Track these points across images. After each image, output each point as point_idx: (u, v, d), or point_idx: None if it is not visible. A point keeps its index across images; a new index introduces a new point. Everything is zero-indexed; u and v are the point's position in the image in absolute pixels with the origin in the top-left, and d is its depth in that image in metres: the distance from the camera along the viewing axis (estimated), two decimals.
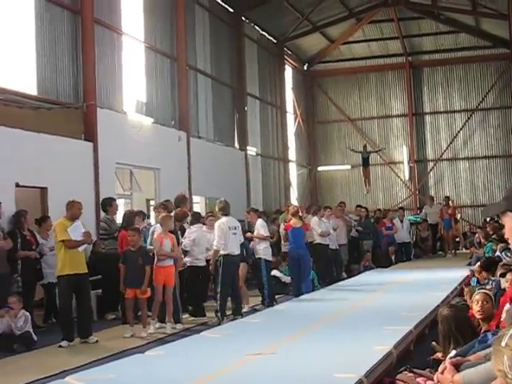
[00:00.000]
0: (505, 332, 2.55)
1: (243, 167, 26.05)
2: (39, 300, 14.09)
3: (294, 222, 16.05)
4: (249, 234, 15.64)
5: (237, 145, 26.08)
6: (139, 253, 12.31)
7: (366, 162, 31.26)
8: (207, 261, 14.34)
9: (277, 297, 17.08)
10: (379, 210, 26.67)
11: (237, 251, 13.58)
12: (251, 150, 27.03)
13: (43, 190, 15.02)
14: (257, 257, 15.48)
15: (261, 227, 15.59)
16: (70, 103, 16.50)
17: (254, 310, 14.50)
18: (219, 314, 13.05)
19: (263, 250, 15.51)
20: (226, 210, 13.70)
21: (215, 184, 22.75)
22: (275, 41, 30.47)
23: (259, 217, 16.44)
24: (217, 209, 14.00)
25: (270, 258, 15.62)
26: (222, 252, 13.29)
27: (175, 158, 20.59)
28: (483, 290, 7.23)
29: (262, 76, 29.14)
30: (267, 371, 7.37)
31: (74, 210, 11.78)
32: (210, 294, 15.33)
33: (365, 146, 31.63)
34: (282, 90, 31.21)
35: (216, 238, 13.31)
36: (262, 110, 29.16)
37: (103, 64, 17.73)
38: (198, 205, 21.97)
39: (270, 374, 7.21)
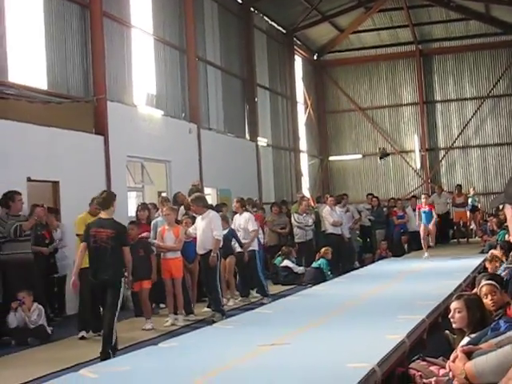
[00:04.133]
0: None
1: (254, 158, 26.04)
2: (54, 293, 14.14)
3: None
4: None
5: (247, 136, 26.07)
6: (139, 245, 12.32)
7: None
8: None
9: (289, 287, 17.13)
10: (392, 198, 26.62)
11: None
12: (262, 141, 27.01)
13: (55, 184, 15.05)
14: (251, 249, 15.32)
15: (251, 220, 15.60)
16: (80, 97, 16.53)
17: (261, 304, 14.52)
18: (223, 308, 13.04)
19: (255, 242, 15.51)
20: None
21: (226, 175, 22.77)
22: (284, 31, 30.39)
23: (246, 209, 16.21)
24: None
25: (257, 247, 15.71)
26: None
27: (186, 150, 20.60)
28: (488, 282, 7.18)
29: (271, 67, 29.10)
30: (280, 362, 7.37)
31: (92, 207, 11.92)
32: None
33: (382, 149, 31.65)
34: (291, 80, 31.15)
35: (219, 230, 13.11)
36: (272, 101, 29.13)
37: (113, 57, 17.74)
38: (210, 196, 21.96)
39: (283, 365, 7.21)
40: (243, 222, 15.26)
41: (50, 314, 12.95)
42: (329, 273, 17.31)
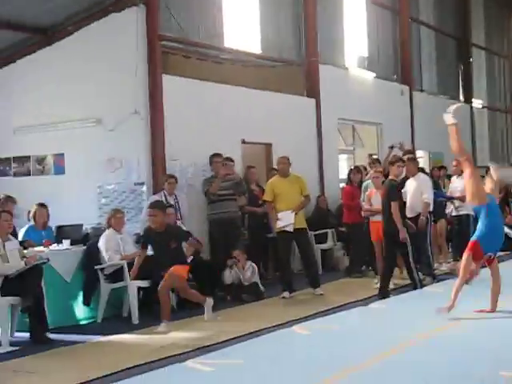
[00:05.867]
0: None
1: (468, 121, 25.29)
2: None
3: None
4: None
5: (461, 97, 25.36)
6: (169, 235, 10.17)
7: None
8: None
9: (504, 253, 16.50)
10: None
11: None
12: (477, 103, 26.18)
13: (268, 146, 15.39)
14: (465, 213, 14.84)
15: None
16: (293, 60, 16.75)
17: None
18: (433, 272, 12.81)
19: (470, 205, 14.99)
20: None
21: (439, 138, 22.20)
22: None
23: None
24: None
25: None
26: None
27: (398, 113, 20.37)
28: None
29: (488, 25, 28.01)
30: (484, 333, 7.20)
31: (279, 167, 12.27)
32: None
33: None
34: (510, 38, 29.84)
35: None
36: (488, 61, 28.09)
37: (325, 20, 17.76)
38: (422, 159, 21.59)
39: (487, 336, 7.04)
40: (461, 184, 14.85)
41: (264, 273, 13.36)
42: None
